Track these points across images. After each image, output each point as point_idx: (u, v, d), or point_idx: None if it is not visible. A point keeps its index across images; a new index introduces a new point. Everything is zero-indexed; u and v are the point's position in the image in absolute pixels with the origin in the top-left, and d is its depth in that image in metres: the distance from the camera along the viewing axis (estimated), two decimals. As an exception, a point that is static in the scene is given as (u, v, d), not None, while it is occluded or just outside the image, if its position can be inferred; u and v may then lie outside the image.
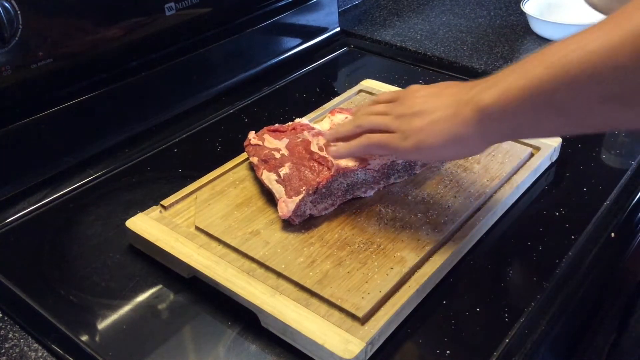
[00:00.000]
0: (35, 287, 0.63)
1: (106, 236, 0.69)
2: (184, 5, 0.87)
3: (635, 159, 0.79)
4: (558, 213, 0.70)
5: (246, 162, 0.75)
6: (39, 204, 0.74)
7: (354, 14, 1.25)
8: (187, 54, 0.91)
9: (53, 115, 0.76)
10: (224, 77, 0.98)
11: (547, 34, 1.10)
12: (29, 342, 0.57)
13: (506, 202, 0.70)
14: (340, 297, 0.56)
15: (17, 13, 0.68)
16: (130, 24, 0.82)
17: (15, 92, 0.73)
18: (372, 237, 0.63)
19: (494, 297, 0.60)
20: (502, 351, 0.54)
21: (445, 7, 1.27)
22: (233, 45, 0.98)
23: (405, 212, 0.66)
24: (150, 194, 0.75)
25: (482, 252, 0.65)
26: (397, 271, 0.58)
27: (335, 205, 0.67)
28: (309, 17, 1.10)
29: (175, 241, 0.63)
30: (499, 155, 0.75)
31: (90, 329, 0.58)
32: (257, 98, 0.97)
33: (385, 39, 1.14)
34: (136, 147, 0.84)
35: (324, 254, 0.61)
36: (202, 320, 0.59)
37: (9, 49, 0.69)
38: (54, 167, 0.78)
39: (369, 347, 0.53)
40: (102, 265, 0.65)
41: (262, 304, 0.56)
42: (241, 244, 0.62)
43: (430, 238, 0.62)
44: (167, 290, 0.62)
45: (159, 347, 0.56)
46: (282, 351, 0.55)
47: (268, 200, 0.68)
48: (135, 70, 0.85)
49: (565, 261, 0.63)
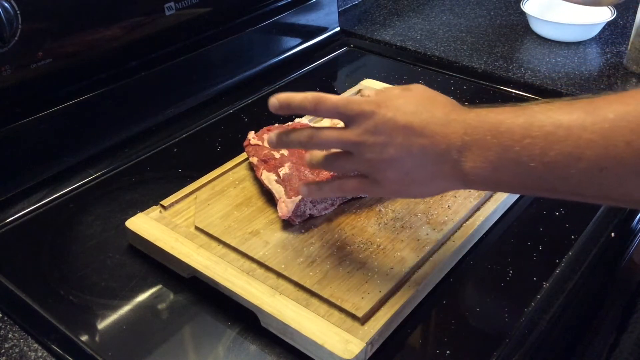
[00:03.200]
0: (35, 287, 0.63)
1: (106, 236, 0.69)
2: (184, 5, 0.87)
3: (635, 159, 0.79)
4: (558, 213, 0.70)
5: (246, 162, 0.75)
6: (39, 204, 0.74)
7: (354, 14, 1.25)
8: (187, 54, 0.91)
9: (53, 115, 0.76)
10: (224, 77, 0.98)
11: (547, 34, 1.10)
12: (28, 342, 0.57)
13: (506, 202, 0.70)
14: (340, 297, 0.56)
15: (17, 13, 0.68)
16: (130, 24, 0.82)
17: (15, 92, 0.73)
18: (372, 237, 0.63)
19: (494, 297, 0.60)
20: (502, 351, 0.54)
21: (445, 7, 1.27)
22: (233, 45, 0.98)
23: (405, 212, 0.66)
24: (150, 194, 0.75)
25: (482, 252, 0.65)
26: (397, 271, 0.58)
27: (335, 205, 0.67)
28: (308, 17, 1.10)
29: (175, 241, 0.63)
30: (499, 155, 0.75)
31: (90, 329, 0.58)
32: (257, 98, 0.97)
33: (385, 38, 1.14)
34: (136, 147, 0.84)
35: (324, 254, 0.61)
36: (202, 320, 0.59)
37: (9, 49, 0.69)
38: (54, 167, 0.78)
39: (369, 347, 0.53)
40: (102, 265, 0.65)
41: (262, 304, 0.56)
42: (241, 244, 0.62)
43: (430, 238, 0.62)
44: (167, 290, 0.62)
45: (159, 347, 0.56)
46: (282, 351, 0.55)
47: (268, 200, 0.68)
48: (135, 70, 0.85)
49: (565, 261, 0.63)
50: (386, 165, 0.51)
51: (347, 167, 0.55)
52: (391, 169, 0.51)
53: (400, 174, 0.51)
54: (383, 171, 0.51)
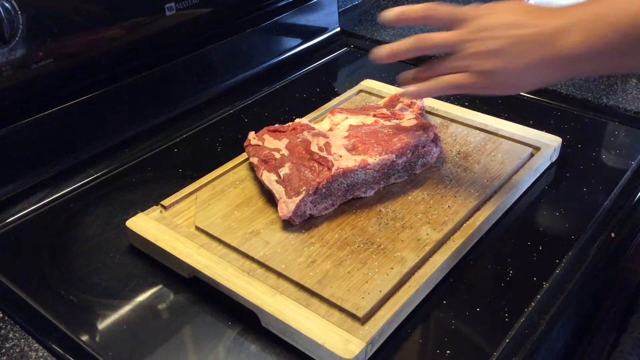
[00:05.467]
0: (35, 287, 0.63)
1: (106, 236, 0.69)
2: (184, 5, 0.87)
3: (635, 159, 0.79)
4: (558, 213, 0.70)
5: (246, 162, 0.75)
6: (39, 204, 0.74)
7: (354, 14, 1.25)
8: (187, 54, 0.91)
9: (53, 115, 0.76)
10: (224, 77, 0.98)
11: (547, 34, 1.10)
12: (29, 342, 0.57)
13: (506, 202, 0.70)
14: (340, 297, 0.56)
15: (17, 13, 0.68)
16: (130, 24, 0.82)
17: (15, 92, 0.73)
18: (372, 237, 0.63)
19: (494, 297, 0.60)
20: (502, 351, 0.54)
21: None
22: (233, 45, 0.98)
23: (405, 212, 0.66)
24: (151, 194, 0.75)
25: (482, 252, 0.65)
26: (397, 271, 0.58)
27: (335, 205, 0.67)
28: (309, 17, 1.10)
29: (176, 241, 0.63)
30: (499, 155, 0.75)
31: (90, 328, 0.58)
32: (257, 98, 0.97)
33: (385, 39, 1.14)
34: (136, 147, 0.84)
35: (324, 254, 0.61)
36: (202, 320, 0.59)
37: (9, 49, 0.69)
38: (54, 167, 0.78)
39: (369, 347, 0.53)
40: (102, 265, 0.65)
41: (262, 304, 0.56)
42: (241, 244, 0.62)
43: (430, 238, 0.62)
44: (167, 290, 0.62)
45: (159, 347, 0.56)
46: (282, 351, 0.55)
47: (268, 200, 0.68)
48: (135, 70, 0.85)
49: (565, 261, 0.64)
50: (492, 56, 0.56)
51: (450, 65, 0.60)
52: (496, 59, 0.56)
53: (504, 64, 0.56)
54: (488, 62, 0.56)
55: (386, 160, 0.68)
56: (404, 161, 0.69)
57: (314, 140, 0.70)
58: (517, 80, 0.58)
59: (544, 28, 0.54)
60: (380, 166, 0.68)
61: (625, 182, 0.75)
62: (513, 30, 0.55)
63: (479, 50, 0.57)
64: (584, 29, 0.52)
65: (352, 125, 0.75)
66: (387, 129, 0.72)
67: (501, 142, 0.77)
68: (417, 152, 0.71)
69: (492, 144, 0.77)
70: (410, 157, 0.70)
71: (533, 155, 0.76)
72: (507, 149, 0.76)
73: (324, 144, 0.70)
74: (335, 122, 0.76)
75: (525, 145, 0.77)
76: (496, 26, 0.56)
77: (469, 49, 0.57)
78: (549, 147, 0.76)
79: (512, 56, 0.55)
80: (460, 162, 0.74)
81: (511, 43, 0.55)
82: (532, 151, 0.76)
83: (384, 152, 0.68)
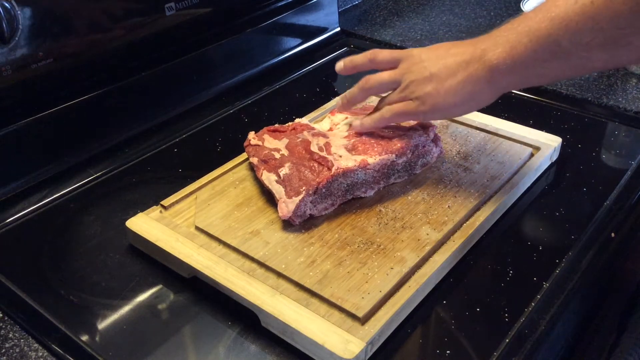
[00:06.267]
0: (35, 287, 0.63)
1: (106, 236, 0.69)
2: (184, 5, 0.87)
3: (635, 159, 0.79)
4: (558, 213, 0.70)
5: (246, 162, 0.75)
6: (39, 204, 0.74)
7: (354, 14, 1.25)
8: (187, 54, 0.91)
9: (53, 115, 0.76)
10: (224, 77, 0.98)
11: (547, 34, 1.10)
12: (29, 342, 0.57)
13: (506, 202, 0.70)
14: (340, 297, 0.56)
15: (17, 13, 0.68)
16: (130, 24, 0.82)
17: (15, 92, 0.73)
18: (372, 237, 0.63)
19: (494, 297, 0.60)
20: (502, 351, 0.54)
21: (445, 7, 1.27)
22: (233, 45, 0.98)
23: (405, 212, 0.66)
24: (150, 194, 0.75)
25: (482, 252, 0.65)
26: (397, 271, 0.58)
27: (335, 205, 0.67)
28: (309, 17, 1.10)
29: (176, 241, 0.63)
30: (499, 155, 0.75)
31: (90, 329, 0.58)
32: (257, 98, 0.97)
33: (385, 39, 1.14)
34: (136, 147, 0.84)
35: (324, 254, 0.61)
36: (202, 320, 0.59)
37: (9, 49, 0.69)
38: (54, 167, 0.78)
39: (369, 347, 0.53)
40: (102, 265, 0.65)
41: (262, 304, 0.56)
42: (241, 244, 0.62)
43: (430, 238, 0.62)
44: (167, 290, 0.62)
45: (159, 347, 0.56)
46: (282, 351, 0.55)
47: (268, 200, 0.68)
48: (135, 70, 0.85)
49: (565, 261, 0.64)
50: (426, 81, 0.63)
51: (393, 98, 0.68)
52: (430, 83, 0.63)
53: (437, 86, 0.62)
54: (424, 87, 0.63)
55: (386, 160, 0.68)
56: (404, 161, 0.69)
57: (314, 140, 0.70)
58: (452, 100, 0.63)
59: (472, 50, 0.61)
60: (380, 166, 0.68)
61: (625, 182, 0.75)
62: (442, 59, 0.63)
63: (414, 79, 0.64)
64: (507, 41, 0.58)
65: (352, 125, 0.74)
66: (387, 129, 0.72)
67: (501, 142, 0.77)
68: (417, 152, 0.71)
69: (492, 144, 0.77)
70: (410, 157, 0.70)
71: (533, 155, 0.76)
72: (507, 149, 0.76)
73: (324, 144, 0.70)
74: (335, 122, 0.76)
75: (525, 145, 0.77)
76: (428, 58, 0.64)
77: (406, 80, 0.65)
78: (549, 147, 0.76)
79: (443, 78, 0.62)
80: (460, 162, 0.74)
81: (440, 68, 0.63)
82: (532, 151, 0.76)
83: (384, 152, 0.68)
